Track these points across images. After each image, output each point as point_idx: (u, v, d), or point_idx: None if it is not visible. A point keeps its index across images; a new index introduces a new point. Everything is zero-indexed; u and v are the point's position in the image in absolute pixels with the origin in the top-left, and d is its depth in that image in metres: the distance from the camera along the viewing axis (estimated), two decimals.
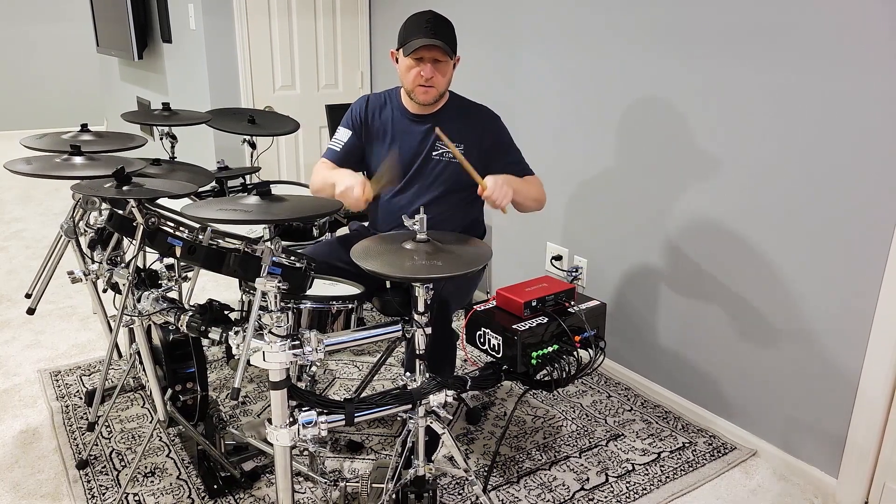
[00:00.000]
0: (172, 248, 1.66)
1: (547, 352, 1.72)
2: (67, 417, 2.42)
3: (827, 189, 1.97)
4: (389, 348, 2.36)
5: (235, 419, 2.42)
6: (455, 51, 2.02)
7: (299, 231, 2.55)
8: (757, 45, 2.07)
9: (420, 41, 1.93)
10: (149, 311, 1.79)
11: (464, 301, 2.17)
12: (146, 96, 5.03)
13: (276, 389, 1.51)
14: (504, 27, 3.02)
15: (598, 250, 2.77)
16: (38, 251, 4.19)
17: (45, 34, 8.02)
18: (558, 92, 2.81)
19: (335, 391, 2.64)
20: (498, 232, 3.30)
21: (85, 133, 2.18)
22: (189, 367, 2.09)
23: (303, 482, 2.08)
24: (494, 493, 2.06)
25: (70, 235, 2.16)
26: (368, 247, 1.62)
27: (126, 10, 4.42)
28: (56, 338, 3.06)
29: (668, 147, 2.40)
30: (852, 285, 1.95)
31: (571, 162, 2.81)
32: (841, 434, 2.05)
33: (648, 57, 2.41)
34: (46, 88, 8.16)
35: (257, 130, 2.83)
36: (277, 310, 1.49)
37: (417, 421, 1.67)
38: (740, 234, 2.22)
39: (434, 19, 1.98)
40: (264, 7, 3.66)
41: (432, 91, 2.02)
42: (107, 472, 2.12)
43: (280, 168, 3.95)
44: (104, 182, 1.75)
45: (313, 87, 3.93)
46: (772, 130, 2.08)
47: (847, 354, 2.00)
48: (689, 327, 2.45)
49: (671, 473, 2.18)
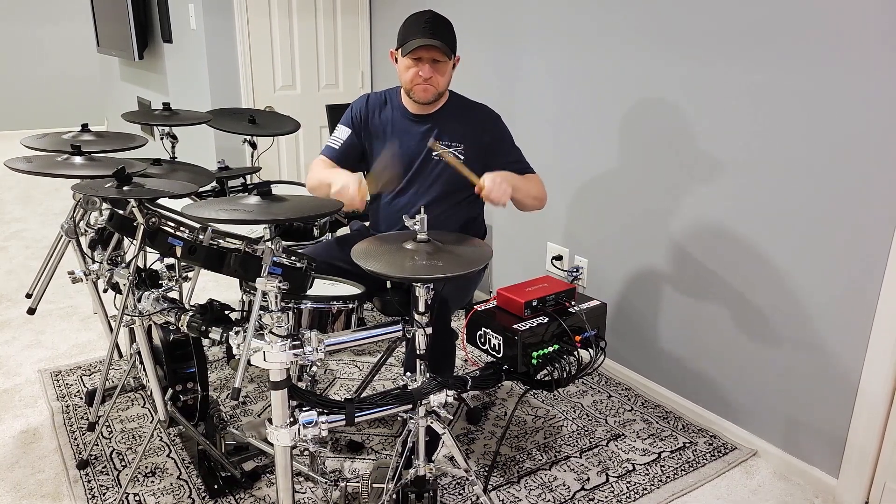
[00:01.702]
0: (173, 248, 1.65)
1: (547, 352, 1.72)
2: (68, 417, 2.42)
3: (827, 189, 1.97)
4: (390, 348, 2.36)
5: (236, 419, 2.42)
6: (454, 51, 2.01)
7: (300, 231, 2.55)
8: (758, 44, 2.07)
9: (418, 41, 1.93)
10: (149, 311, 1.79)
11: (464, 301, 2.17)
12: (147, 96, 5.03)
13: (276, 389, 1.52)
14: (504, 27, 3.02)
15: (599, 250, 2.77)
16: (38, 251, 4.19)
17: (45, 34, 8.02)
18: (558, 92, 2.81)
19: (335, 391, 2.65)
20: (498, 232, 3.30)
21: (85, 133, 2.18)
22: (189, 367, 2.09)
23: (303, 482, 2.08)
24: (495, 493, 2.06)
25: (70, 235, 2.16)
26: (369, 247, 1.62)
27: (126, 10, 4.42)
28: (56, 338, 3.06)
29: (668, 147, 2.40)
30: (852, 285, 1.95)
31: (572, 162, 2.81)
32: (841, 434, 2.05)
33: (649, 57, 2.41)
34: (47, 88, 8.16)
35: (258, 130, 2.83)
36: (278, 310, 1.49)
37: (418, 421, 1.67)
38: (740, 234, 2.22)
39: (433, 19, 1.98)
40: (265, 7, 3.66)
41: (431, 89, 2.02)
42: (107, 472, 2.12)
43: (280, 168, 3.95)
44: (105, 182, 1.75)
45: (314, 87, 3.93)
46: (772, 130, 2.08)
47: (847, 354, 2.00)
48: (690, 327, 2.45)
49: (672, 473, 2.18)
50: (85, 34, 7.86)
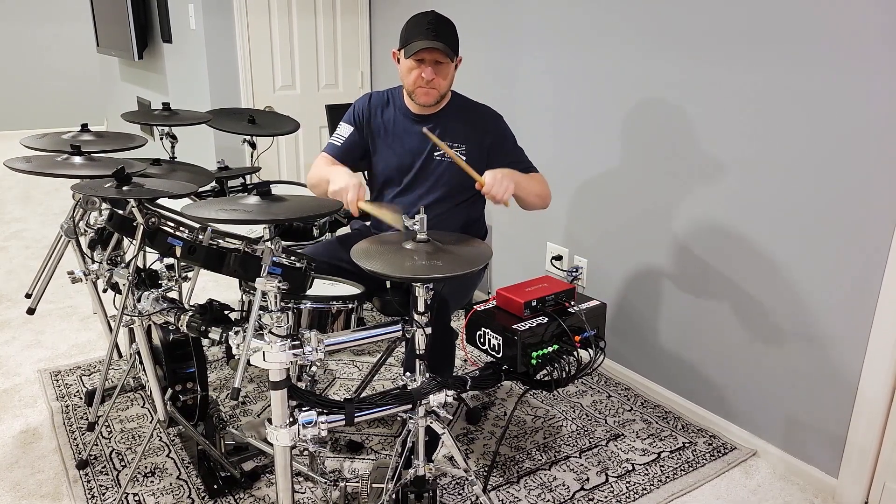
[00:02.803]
0: (172, 248, 1.65)
1: (547, 352, 1.72)
2: (67, 417, 2.42)
3: (827, 188, 1.97)
4: (389, 348, 2.36)
5: (235, 419, 2.42)
6: (457, 52, 2.01)
7: (299, 231, 2.55)
8: (757, 44, 2.07)
9: (421, 43, 1.92)
10: (149, 311, 1.79)
11: (464, 301, 2.17)
12: (146, 96, 5.03)
13: (276, 389, 1.51)
14: (504, 27, 3.02)
15: (598, 250, 2.77)
16: (38, 251, 4.19)
17: (45, 34, 8.02)
18: (558, 92, 2.81)
19: (335, 391, 2.64)
20: (498, 232, 3.30)
21: (85, 133, 2.18)
22: (189, 367, 2.09)
23: (303, 482, 2.08)
24: (494, 493, 2.06)
25: (70, 235, 2.16)
26: (368, 247, 1.62)
27: (126, 10, 4.42)
28: (56, 338, 3.06)
29: (668, 147, 2.40)
30: (852, 285, 1.95)
31: (571, 162, 2.81)
32: (841, 434, 2.05)
33: (649, 57, 2.41)
34: (47, 88, 8.16)
35: (257, 130, 2.83)
36: (277, 310, 1.49)
37: (417, 421, 1.67)
38: (740, 234, 2.22)
39: (436, 20, 1.97)
40: (264, 7, 3.66)
41: (433, 93, 2.02)
42: (107, 472, 2.12)
43: (280, 168, 3.95)
44: (104, 182, 1.75)
45: (313, 87, 3.93)
46: (772, 130, 2.08)
47: (847, 354, 2.00)
48: (690, 327, 2.45)
49: (671, 473, 2.18)
50: (85, 34, 7.85)
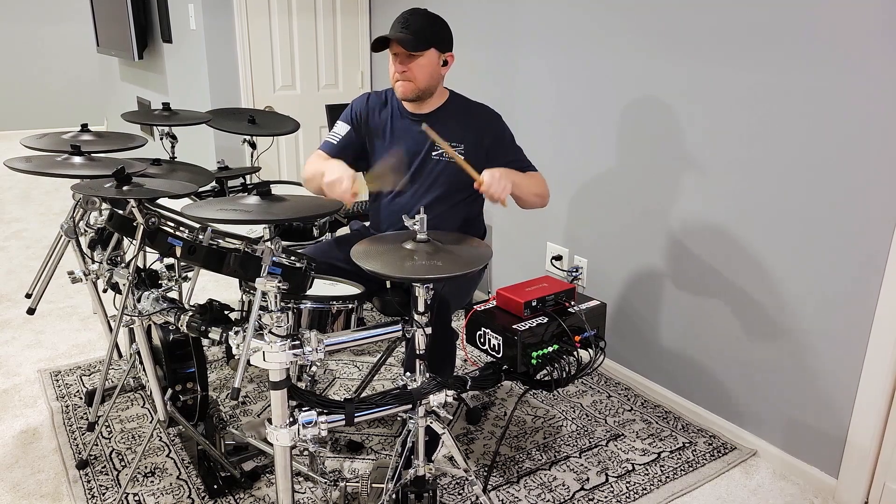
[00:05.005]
0: (172, 248, 1.65)
1: (547, 352, 1.72)
2: (67, 417, 2.42)
3: (827, 189, 1.97)
4: (389, 348, 2.36)
5: (235, 419, 2.42)
6: (429, 45, 1.97)
7: (299, 231, 2.55)
8: (758, 45, 2.07)
9: (382, 35, 1.93)
10: (149, 311, 1.79)
11: (464, 301, 2.17)
12: (146, 96, 5.03)
13: (276, 389, 1.52)
14: (503, 27, 3.02)
15: (598, 250, 2.77)
16: (38, 251, 4.19)
17: (45, 34, 8.02)
18: (557, 92, 2.81)
19: (335, 391, 2.64)
20: (498, 232, 3.30)
21: (85, 133, 2.18)
22: (189, 367, 2.09)
23: (303, 482, 2.08)
24: (494, 493, 2.06)
25: (70, 235, 2.16)
26: (368, 247, 1.62)
27: (126, 10, 4.42)
28: (56, 338, 3.06)
29: (668, 147, 2.40)
30: (852, 285, 1.95)
31: (571, 162, 2.81)
32: (841, 434, 2.05)
33: (649, 57, 2.41)
34: (47, 88, 8.16)
35: (257, 130, 2.83)
36: (277, 310, 1.49)
37: (417, 421, 1.67)
38: (740, 234, 2.22)
39: (411, 15, 1.96)
40: (264, 7, 3.66)
41: (409, 86, 2.00)
42: (107, 472, 2.12)
43: (280, 168, 3.95)
44: (104, 182, 1.75)
45: (313, 87, 3.93)
46: (772, 130, 2.08)
47: (847, 354, 2.00)
48: (689, 327, 2.45)
49: (671, 473, 2.18)
50: (85, 34, 7.86)
